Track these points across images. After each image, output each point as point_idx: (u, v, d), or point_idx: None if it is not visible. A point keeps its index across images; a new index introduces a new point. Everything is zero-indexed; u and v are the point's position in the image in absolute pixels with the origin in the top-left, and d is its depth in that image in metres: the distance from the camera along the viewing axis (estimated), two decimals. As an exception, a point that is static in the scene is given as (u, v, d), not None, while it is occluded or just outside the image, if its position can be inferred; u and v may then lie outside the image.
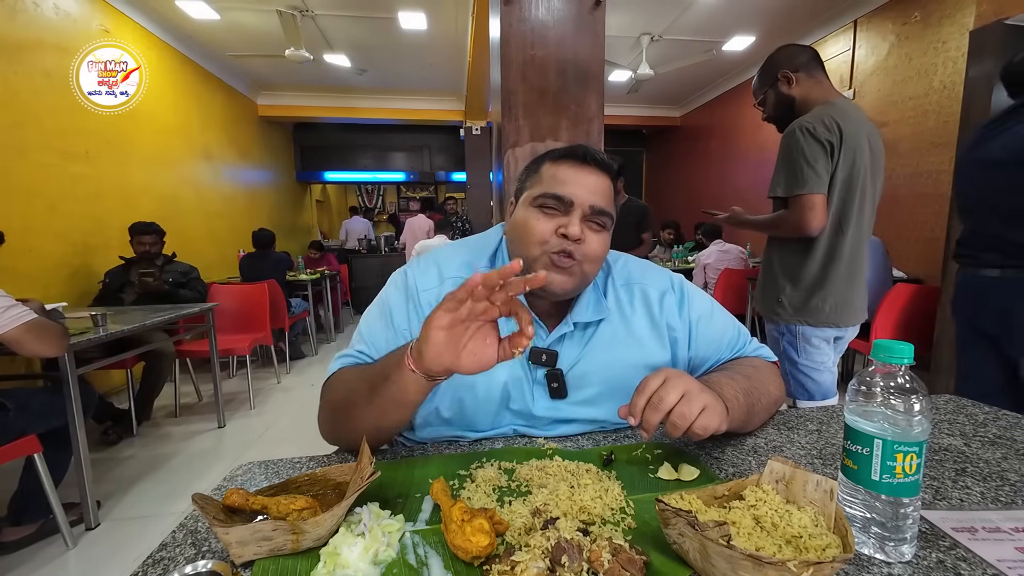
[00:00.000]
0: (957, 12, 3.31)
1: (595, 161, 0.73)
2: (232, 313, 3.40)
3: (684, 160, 7.70)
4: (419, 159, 8.64)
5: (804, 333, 1.57)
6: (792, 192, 1.48)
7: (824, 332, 1.56)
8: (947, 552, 0.48)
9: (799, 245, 1.55)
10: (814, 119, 1.46)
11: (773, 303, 1.61)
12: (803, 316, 1.55)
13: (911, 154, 3.67)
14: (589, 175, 0.73)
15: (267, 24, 4.46)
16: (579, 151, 0.74)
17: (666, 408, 0.59)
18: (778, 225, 1.56)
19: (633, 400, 0.61)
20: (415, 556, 0.49)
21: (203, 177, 5.09)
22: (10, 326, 1.48)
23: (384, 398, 0.62)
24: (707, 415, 0.60)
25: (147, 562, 0.49)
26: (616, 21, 4.44)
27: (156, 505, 2.03)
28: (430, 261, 0.82)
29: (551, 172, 0.74)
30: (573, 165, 0.73)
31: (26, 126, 2.98)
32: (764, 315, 1.67)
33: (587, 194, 0.71)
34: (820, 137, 1.44)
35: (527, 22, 1.74)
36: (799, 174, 1.46)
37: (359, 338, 0.78)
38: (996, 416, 0.82)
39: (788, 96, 1.61)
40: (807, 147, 1.44)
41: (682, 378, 0.62)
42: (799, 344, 1.58)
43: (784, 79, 1.60)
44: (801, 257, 1.55)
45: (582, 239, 0.70)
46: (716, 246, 4.06)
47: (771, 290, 1.62)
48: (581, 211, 0.71)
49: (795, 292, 1.56)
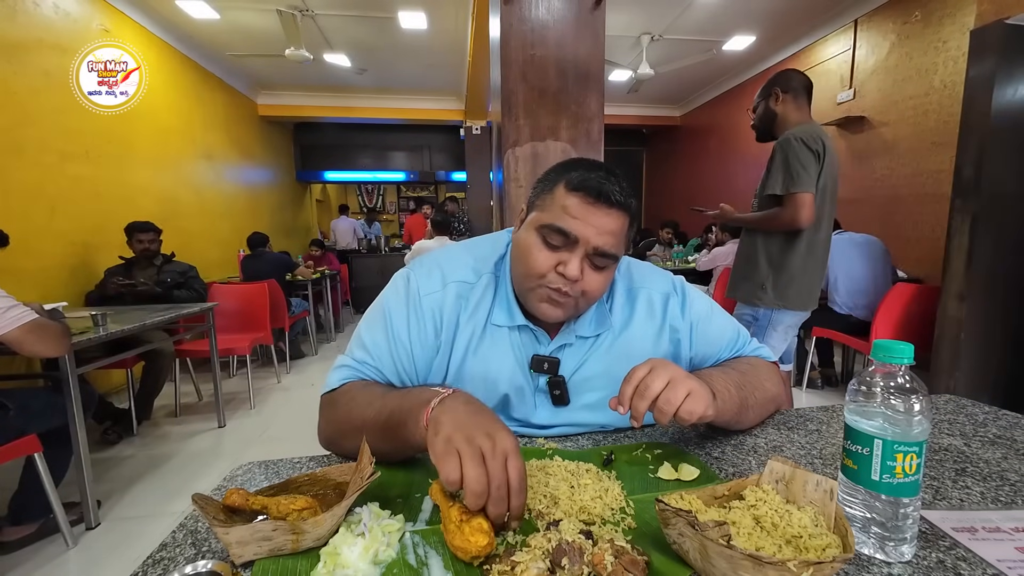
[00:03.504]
0: (958, 11, 3.31)
1: (609, 201, 0.66)
2: (232, 313, 3.40)
3: (684, 159, 7.70)
4: (419, 159, 8.63)
5: (778, 318, 1.83)
6: (788, 190, 1.70)
7: (794, 316, 1.84)
8: (947, 552, 0.48)
9: (783, 238, 1.79)
10: (805, 133, 1.71)
11: (756, 289, 1.84)
12: (782, 301, 1.80)
13: (911, 154, 3.67)
14: (602, 216, 0.66)
15: (267, 23, 4.46)
16: (594, 186, 0.66)
17: (652, 395, 0.59)
18: (772, 220, 1.78)
19: (621, 389, 0.62)
20: (415, 556, 0.49)
21: (203, 177, 5.09)
22: (11, 326, 1.48)
23: (398, 440, 0.62)
24: (692, 400, 0.60)
25: (147, 562, 0.49)
26: (616, 21, 4.44)
27: (156, 505, 2.03)
28: (433, 264, 0.79)
29: (563, 201, 0.67)
30: (586, 201, 0.66)
31: (26, 126, 2.98)
32: (743, 300, 1.90)
33: (595, 235, 0.66)
34: (812, 147, 1.69)
35: (527, 22, 1.74)
36: (795, 175, 1.69)
37: (359, 344, 0.76)
38: (996, 416, 0.82)
39: (772, 111, 1.88)
40: (801, 153, 1.68)
41: (668, 366, 0.62)
42: (769, 329, 1.85)
43: (775, 96, 1.86)
44: (785, 249, 1.79)
45: (580, 279, 0.67)
46: (734, 244, 4.01)
47: (755, 277, 1.85)
48: (584, 250, 0.67)
49: (778, 279, 1.80)
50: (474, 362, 0.75)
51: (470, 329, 0.75)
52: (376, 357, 0.75)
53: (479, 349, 0.76)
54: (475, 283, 0.77)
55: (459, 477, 0.49)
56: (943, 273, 2.37)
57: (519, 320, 0.75)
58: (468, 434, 0.51)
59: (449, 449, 0.50)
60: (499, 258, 0.80)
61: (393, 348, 0.74)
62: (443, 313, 0.75)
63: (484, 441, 0.51)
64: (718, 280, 3.78)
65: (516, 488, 0.50)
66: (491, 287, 0.77)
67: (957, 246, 2.29)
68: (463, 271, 0.78)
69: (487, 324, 0.76)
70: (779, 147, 1.74)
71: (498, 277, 0.78)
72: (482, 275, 0.78)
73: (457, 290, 0.76)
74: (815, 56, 4.71)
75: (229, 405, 3.19)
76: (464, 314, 0.76)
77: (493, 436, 0.52)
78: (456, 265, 0.79)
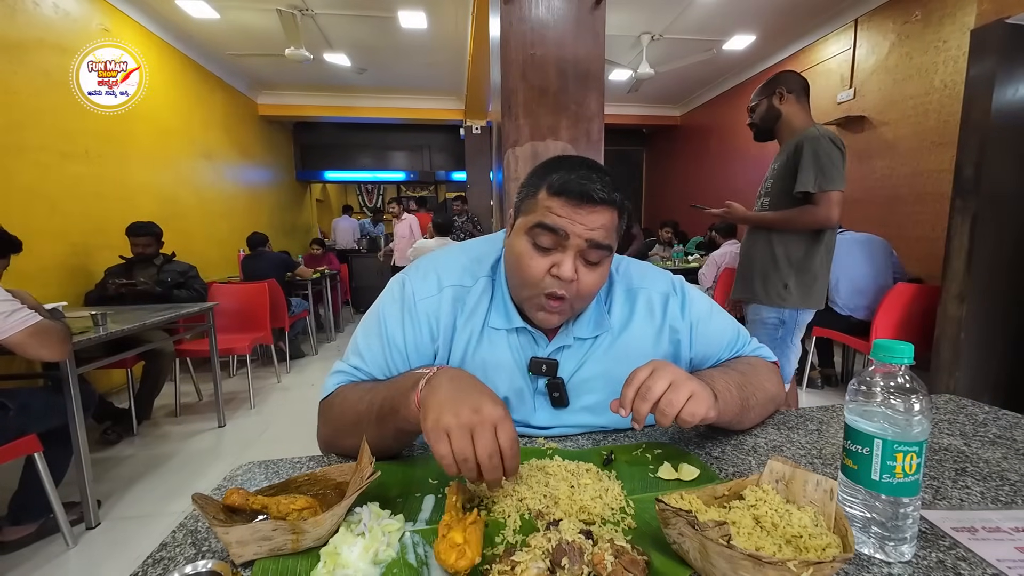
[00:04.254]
0: (958, 11, 3.31)
1: (593, 200, 0.65)
2: (232, 312, 3.40)
3: (684, 159, 7.70)
4: (419, 158, 8.63)
5: (803, 318, 1.82)
6: (821, 188, 1.67)
7: (810, 314, 1.84)
8: (947, 552, 0.48)
9: (807, 237, 1.77)
10: (830, 133, 1.71)
11: (779, 289, 1.80)
12: (806, 301, 1.78)
13: (911, 154, 3.67)
14: (587, 215, 0.66)
15: (267, 23, 4.45)
16: (576, 187, 0.65)
17: (654, 397, 0.59)
18: (800, 218, 1.74)
19: (623, 391, 0.62)
20: (415, 556, 0.49)
21: (203, 177, 5.08)
22: (14, 330, 1.48)
23: (393, 427, 0.63)
24: (694, 402, 0.60)
25: (147, 562, 0.49)
26: (616, 20, 4.43)
27: (156, 505, 2.03)
28: (429, 267, 0.79)
29: (547, 204, 0.66)
30: (570, 202, 0.65)
31: (26, 126, 2.98)
32: (764, 302, 1.85)
33: (585, 231, 0.66)
34: (839, 145, 1.68)
35: (527, 21, 1.74)
36: (827, 173, 1.66)
37: (355, 350, 0.77)
38: (996, 416, 0.82)
39: (776, 110, 1.86)
40: (832, 152, 1.66)
41: (669, 368, 0.62)
42: (795, 329, 1.83)
43: (779, 94, 1.85)
44: (808, 248, 1.77)
45: (575, 279, 0.67)
46: (730, 246, 3.99)
47: (774, 278, 1.81)
48: (576, 247, 0.66)
49: (801, 279, 1.78)
50: (472, 365, 0.75)
51: (467, 332, 0.75)
52: (371, 363, 0.75)
53: (477, 352, 0.75)
54: (471, 286, 0.77)
55: (449, 452, 0.52)
56: (943, 273, 2.37)
57: (517, 323, 0.75)
58: (455, 411, 0.53)
59: (438, 430, 0.53)
60: (495, 260, 0.80)
61: (388, 354, 0.75)
62: (439, 317, 0.75)
63: (471, 416, 0.53)
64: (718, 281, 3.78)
65: (508, 453, 0.53)
66: (488, 290, 0.77)
67: (957, 246, 2.29)
68: (459, 274, 0.78)
69: (484, 327, 0.76)
70: (808, 144, 1.69)
71: (494, 280, 0.78)
72: (478, 278, 0.78)
73: (453, 294, 0.76)
74: (815, 56, 4.71)
75: (229, 405, 3.19)
76: (461, 318, 0.76)
77: (479, 408, 0.53)
78: (452, 269, 0.79)
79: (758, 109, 1.90)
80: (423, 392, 0.58)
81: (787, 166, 1.77)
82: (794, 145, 1.74)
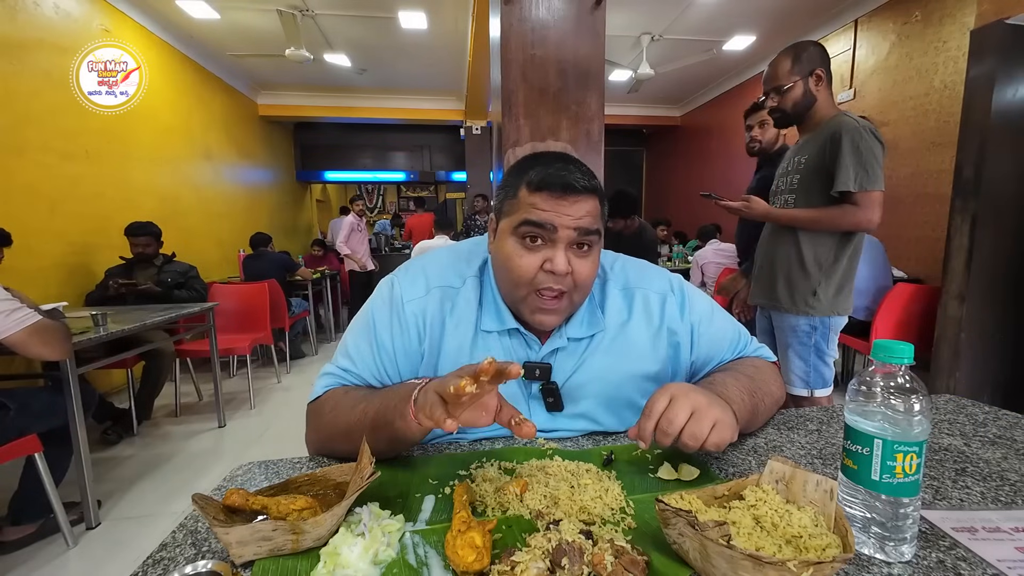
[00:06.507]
0: (958, 11, 3.31)
1: (575, 190, 0.65)
2: (232, 313, 3.40)
3: (684, 159, 7.70)
4: (419, 159, 8.63)
5: (836, 324, 1.64)
6: (864, 187, 1.46)
7: (842, 320, 1.65)
8: (947, 552, 0.48)
9: (839, 239, 1.58)
10: (869, 124, 1.50)
11: (808, 296, 1.62)
12: (835, 308, 1.61)
13: (911, 154, 3.67)
14: (570, 205, 0.66)
15: (267, 23, 4.45)
16: (557, 181, 0.65)
17: (676, 431, 0.58)
18: (839, 218, 1.53)
19: (641, 425, 0.60)
20: (415, 556, 0.49)
21: (203, 177, 5.08)
22: (14, 329, 1.48)
23: (387, 437, 0.63)
24: (718, 430, 0.59)
25: (147, 562, 0.49)
26: (616, 21, 4.44)
27: (156, 505, 2.03)
28: (418, 269, 0.79)
29: (530, 201, 0.67)
30: (553, 196, 0.66)
31: (26, 126, 2.98)
32: (791, 311, 1.67)
33: (572, 221, 0.66)
34: (880, 139, 1.48)
35: (527, 22, 1.74)
36: (870, 171, 1.46)
37: (344, 352, 0.76)
38: (996, 416, 0.81)
39: (813, 96, 1.59)
40: (875, 147, 1.46)
41: (688, 395, 0.60)
42: (830, 335, 1.64)
43: (816, 76, 1.57)
44: (836, 252, 1.59)
45: (570, 270, 0.67)
46: (712, 246, 4.05)
47: (804, 284, 1.63)
48: (566, 239, 0.66)
49: (829, 285, 1.60)
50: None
51: (459, 338, 0.75)
52: (360, 365, 0.75)
53: (471, 357, 0.75)
54: (460, 287, 0.77)
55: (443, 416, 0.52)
56: (943, 273, 2.37)
57: (510, 323, 0.74)
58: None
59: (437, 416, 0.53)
60: (483, 261, 0.80)
61: (377, 356, 0.74)
62: (426, 319, 0.75)
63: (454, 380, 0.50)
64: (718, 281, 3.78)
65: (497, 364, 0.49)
66: (476, 290, 0.77)
67: (957, 246, 2.29)
68: (447, 275, 0.78)
69: (477, 332, 0.75)
70: (848, 137, 1.47)
71: (483, 280, 0.78)
72: (466, 279, 0.77)
73: (441, 295, 0.76)
74: (815, 56, 4.71)
75: (229, 405, 3.19)
76: (451, 319, 0.75)
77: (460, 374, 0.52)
78: (440, 269, 0.78)
79: (791, 93, 1.59)
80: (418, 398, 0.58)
81: (819, 160, 1.55)
82: (828, 136, 1.51)
